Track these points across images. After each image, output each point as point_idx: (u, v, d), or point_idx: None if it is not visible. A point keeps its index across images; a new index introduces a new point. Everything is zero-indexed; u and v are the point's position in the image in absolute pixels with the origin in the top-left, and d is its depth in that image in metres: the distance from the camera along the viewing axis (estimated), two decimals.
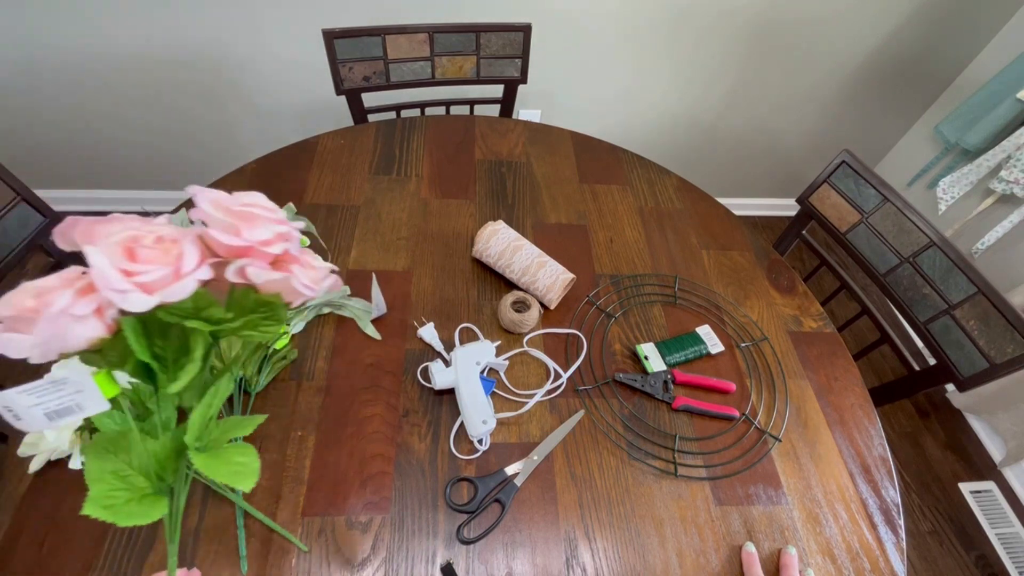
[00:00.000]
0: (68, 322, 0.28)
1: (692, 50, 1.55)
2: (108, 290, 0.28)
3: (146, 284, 0.29)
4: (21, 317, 0.28)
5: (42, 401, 0.29)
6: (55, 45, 1.38)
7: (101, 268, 0.28)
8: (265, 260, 0.33)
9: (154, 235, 0.31)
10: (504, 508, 0.63)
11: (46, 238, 0.90)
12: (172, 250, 0.30)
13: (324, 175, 0.97)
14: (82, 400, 0.30)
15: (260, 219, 0.33)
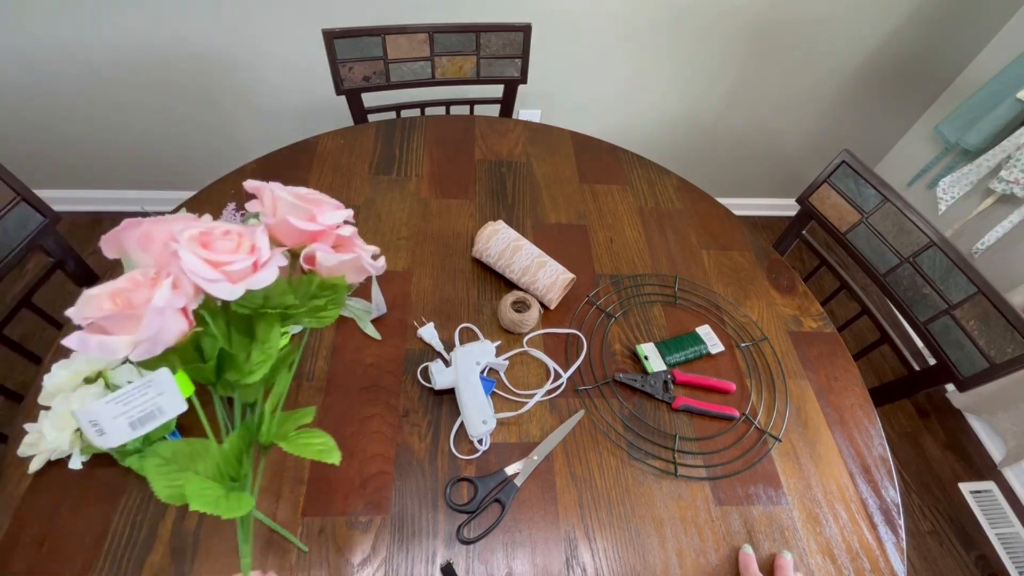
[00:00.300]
0: (170, 316, 0.29)
1: (692, 50, 1.55)
2: (201, 280, 0.29)
3: (231, 274, 0.30)
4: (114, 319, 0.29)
5: (127, 409, 0.29)
6: (55, 45, 1.38)
7: (191, 261, 0.29)
8: (329, 244, 0.35)
9: (221, 229, 0.32)
10: (504, 508, 0.63)
11: (46, 238, 0.90)
12: (243, 242, 0.31)
13: (324, 175, 0.97)
14: (163, 403, 0.31)
15: (326, 204, 0.35)
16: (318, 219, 0.34)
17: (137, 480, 0.61)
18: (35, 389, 0.66)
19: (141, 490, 0.61)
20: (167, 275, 0.30)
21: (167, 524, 0.59)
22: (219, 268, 0.30)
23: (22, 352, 0.90)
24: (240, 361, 0.34)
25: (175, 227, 0.31)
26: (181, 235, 0.30)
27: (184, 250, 0.29)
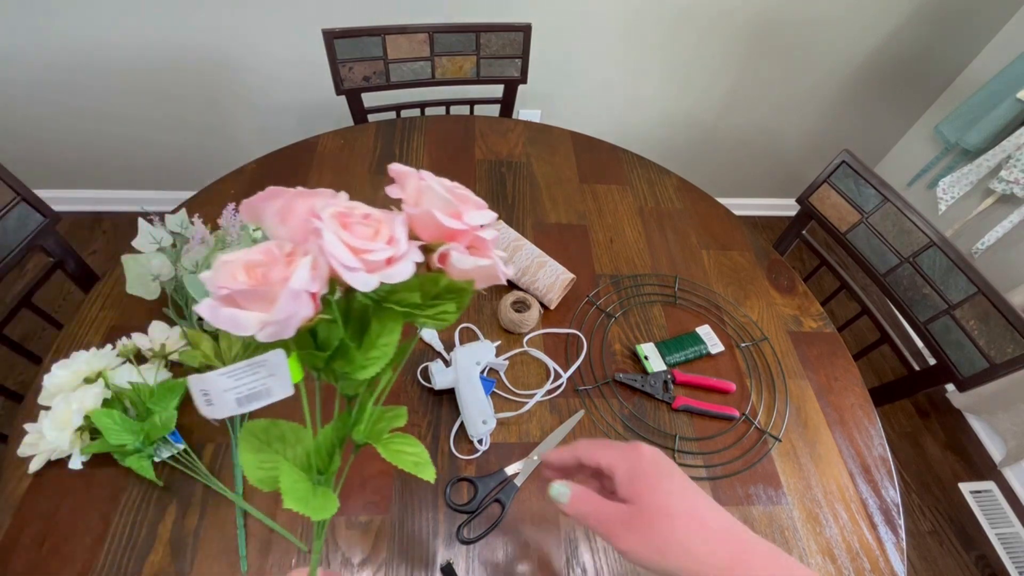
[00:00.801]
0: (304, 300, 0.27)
1: (692, 50, 1.55)
2: (339, 265, 0.27)
3: (369, 263, 0.28)
4: (248, 293, 0.27)
5: (238, 384, 0.29)
6: (55, 45, 1.38)
7: (333, 244, 0.27)
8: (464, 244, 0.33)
9: (361, 212, 0.30)
10: (504, 508, 0.63)
11: (46, 238, 0.90)
12: (382, 230, 0.29)
13: (324, 175, 0.97)
14: (272, 385, 0.30)
15: (471, 203, 0.33)
16: (464, 217, 0.31)
17: (137, 480, 0.61)
18: (35, 389, 0.66)
19: (141, 490, 0.61)
20: (304, 253, 0.28)
21: (167, 524, 0.59)
22: (359, 255, 0.28)
23: (22, 352, 0.90)
24: (354, 354, 0.32)
25: (317, 202, 0.29)
26: (323, 211, 0.28)
27: (327, 230, 0.27)
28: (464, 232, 0.32)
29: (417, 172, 0.33)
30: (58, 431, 0.58)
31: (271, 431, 0.35)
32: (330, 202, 0.29)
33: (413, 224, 0.32)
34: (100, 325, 0.74)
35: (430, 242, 0.32)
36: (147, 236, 0.73)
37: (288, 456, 0.35)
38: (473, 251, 0.33)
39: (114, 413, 0.59)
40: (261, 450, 0.34)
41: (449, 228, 0.31)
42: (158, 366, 0.67)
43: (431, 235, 0.32)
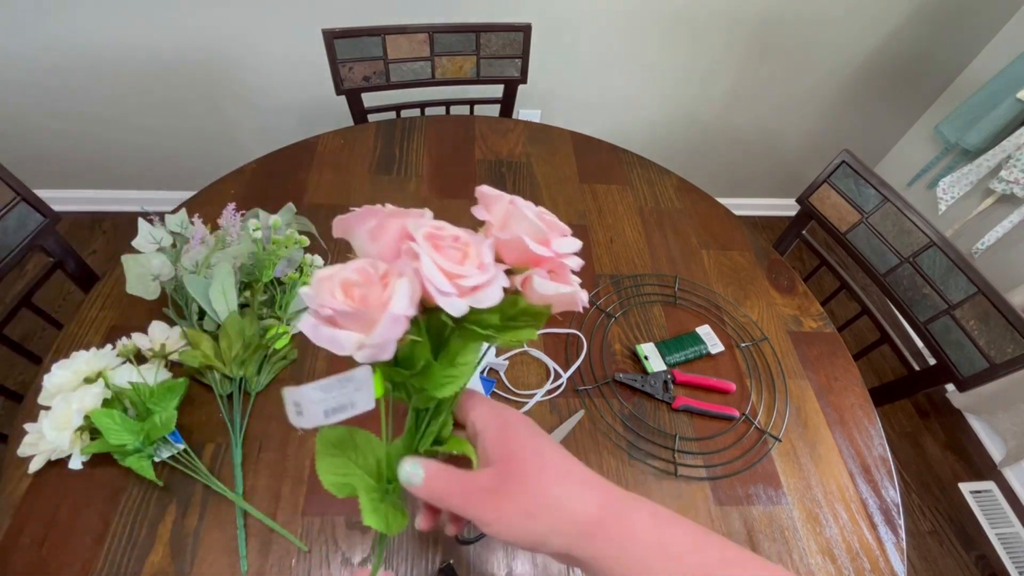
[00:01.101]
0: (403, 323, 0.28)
1: (692, 50, 1.55)
2: (435, 290, 0.27)
3: (463, 288, 0.28)
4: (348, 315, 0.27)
5: (327, 397, 0.29)
6: (55, 45, 1.38)
7: (432, 268, 0.27)
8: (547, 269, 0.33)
9: (451, 234, 0.30)
10: None
11: (46, 238, 0.90)
12: (471, 253, 0.29)
13: (324, 175, 0.97)
14: (357, 399, 0.30)
15: (558, 230, 0.33)
16: (551, 245, 0.32)
17: (137, 480, 0.61)
18: (35, 389, 0.66)
19: (141, 490, 0.61)
20: (397, 274, 0.28)
21: (167, 524, 0.59)
22: (453, 280, 0.28)
23: (22, 352, 0.90)
24: (434, 371, 0.32)
25: (409, 223, 0.29)
26: (417, 232, 0.28)
27: (425, 255, 0.27)
28: (550, 259, 0.32)
29: (507, 196, 0.33)
30: (58, 431, 0.58)
31: (346, 440, 0.35)
32: (420, 222, 0.30)
33: (499, 248, 0.32)
34: (100, 325, 0.74)
35: (514, 266, 0.32)
36: (147, 236, 0.73)
37: (360, 464, 0.35)
38: (554, 276, 0.33)
39: (114, 413, 0.59)
40: (336, 456, 0.34)
41: (536, 255, 0.31)
42: (158, 366, 0.67)
43: (516, 259, 0.32)
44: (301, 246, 0.79)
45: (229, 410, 0.67)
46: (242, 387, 0.68)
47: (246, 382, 0.69)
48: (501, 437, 0.32)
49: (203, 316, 0.70)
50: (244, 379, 0.68)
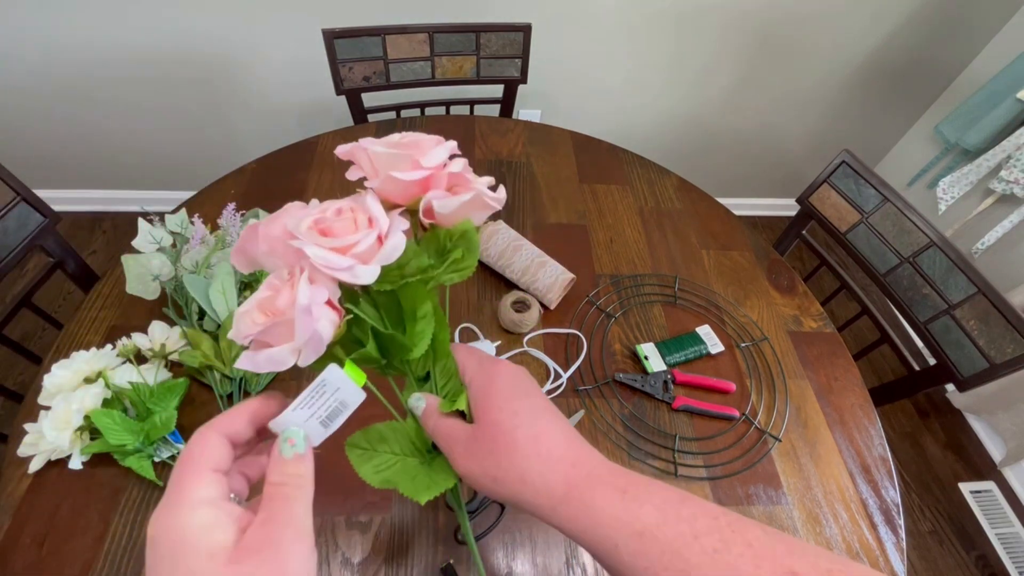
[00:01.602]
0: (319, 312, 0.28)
1: (692, 50, 1.55)
2: (336, 271, 0.27)
3: (362, 255, 0.28)
4: (271, 331, 0.28)
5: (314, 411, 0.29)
6: (55, 45, 1.38)
7: (319, 255, 0.27)
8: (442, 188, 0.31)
9: (331, 209, 0.29)
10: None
11: (46, 238, 0.90)
12: (359, 217, 0.29)
13: (324, 175, 0.97)
14: (344, 397, 0.30)
15: (425, 143, 0.31)
16: (423, 163, 0.30)
17: (137, 480, 0.61)
18: (35, 389, 0.66)
19: (141, 490, 0.61)
20: (300, 271, 0.28)
21: None
22: (348, 252, 0.28)
23: (22, 352, 0.90)
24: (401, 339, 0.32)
25: (288, 223, 0.29)
26: (298, 229, 0.28)
27: (308, 245, 0.27)
28: (433, 176, 0.31)
29: (358, 143, 0.31)
30: (58, 431, 0.58)
31: (370, 436, 0.35)
32: (300, 215, 0.29)
33: (385, 196, 0.31)
34: (100, 325, 0.74)
35: (410, 204, 0.31)
36: (147, 236, 0.73)
37: (396, 451, 0.35)
38: (456, 189, 0.32)
39: (114, 413, 0.59)
40: (372, 457, 0.34)
41: (415, 180, 0.30)
42: (158, 366, 0.67)
43: (406, 197, 0.31)
44: None
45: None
46: (242, 387, 0.68)
47: (246, 382, 0.69)
48: (482, 396, 0.32)
49: (203, 316, 0.70)
50: (244, 379, 0.68)
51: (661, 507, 0.27)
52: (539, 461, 0.30)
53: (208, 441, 0.26)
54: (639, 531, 0.27)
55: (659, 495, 0.28)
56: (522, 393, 0.32)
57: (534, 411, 0.31)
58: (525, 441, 0.30)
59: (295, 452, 0.28)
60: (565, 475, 0.29)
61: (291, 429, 0.28)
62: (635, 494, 0.28)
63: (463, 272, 0.32)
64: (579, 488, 0.29)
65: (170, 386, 0.64)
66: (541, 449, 0.30)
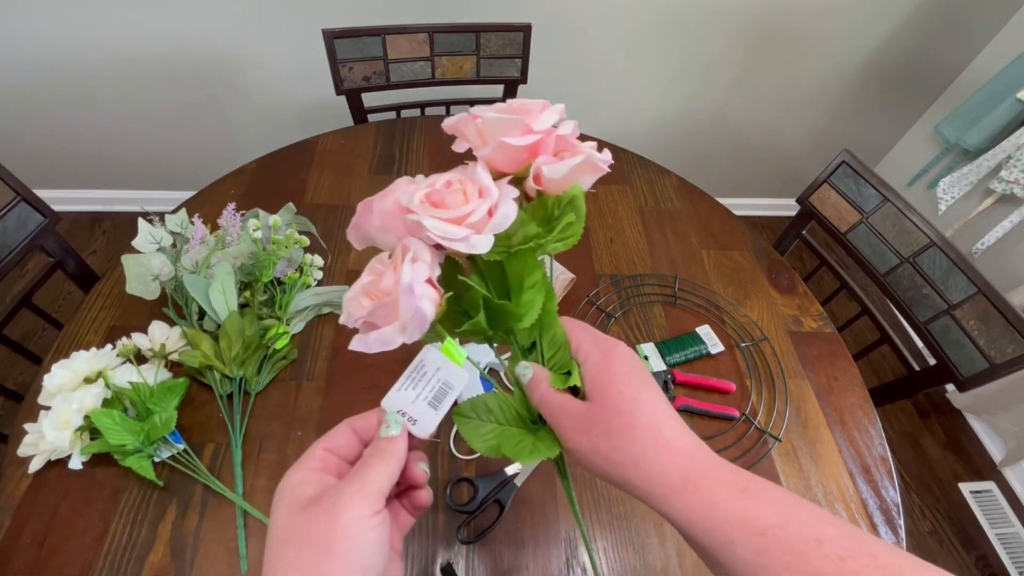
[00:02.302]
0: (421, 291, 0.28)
1: (692, 50, 1.55)
2: (453, 242, 0.28)
3: (476, 224, 0.28)
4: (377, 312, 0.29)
5: (419, 392, 0.31)
6: (55, 45, 1.38)
7: (437, 225, 0.28)
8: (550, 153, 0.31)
9: (441, 182, 0.30)
10: (504, 508, 0.63)
11: (46, 238, 0.90)
12: (469, 188, 0.29)
13: (324, 175, 0.97)
14: (446, 376, 0.31)
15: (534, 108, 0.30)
16: (533, 127, 0.30)
17: (137, 480, 0.61)
18: (35, 389, 0.66)
19: (141, 490, 0.61)
20: (404, 252, 0.29)
21: (167, 524, 0.59)
22: (463, 223, 0.28)
23: (22, 352, 0.90)
24: (510, 308, 0.32)
25: (401, 197, 0.29)
26: (412, 203, 0.29)
27: (425, 217, 0.27)
28: (543, 141, 0.30)
29: (469, 114, 0.32)
30: (58, 431, 0.58)
31: (476, 406, 0.35)
32: (410, 189, 0.30)
33: (493, 164, 0.31)
34: (100, 325, 0.74)
35: (518, 171, 0.31)
36: (147, 236, 0.73)
37: (501, 420, 0.35)
38: (563, 154, 0.31)
39: (114, 413, 0.59)
40: (479, 427, 0.35)
41: (526, 146, 0.30)
42: (158, 366, 0.67)
43: (515, 164, 0.31)
44: (301, 246, 0.80)
45: (229, 410, 0.67)
46: (242, 387, 0.68)
47: (246, 382, 0.69)
48: (598, 374, 0.32)
49: (203, 316, 0.70)
50: (244, 379, 0.68)
51: (782, 510, 0.27)
52: (656, 450, 0.29)
53: (336, 429, 0.31)
54: (760, 530, 0.27)
55: (781, 498, 0.28)
56: (640, 380, 0.32)
57: (653, 399, 0.31)
58: (644, 427, 0.30)
59: (389, 433, 0.31)
60: (683, 467, 0.29)
61: (390, 414, 0.31)
62: (756, 494, 0.28)
63: (569, 240, 0.32)
64: (697, 482, 0.29)
65: (170, 386, 0.64)
66: (660, 439, 0.30)
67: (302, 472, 0.29)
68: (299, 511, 0.27)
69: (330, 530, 0.26)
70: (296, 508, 0.27)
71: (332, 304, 0.78)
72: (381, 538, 0.27)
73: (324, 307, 0.78)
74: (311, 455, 0.30)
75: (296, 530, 0.27)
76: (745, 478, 0.29)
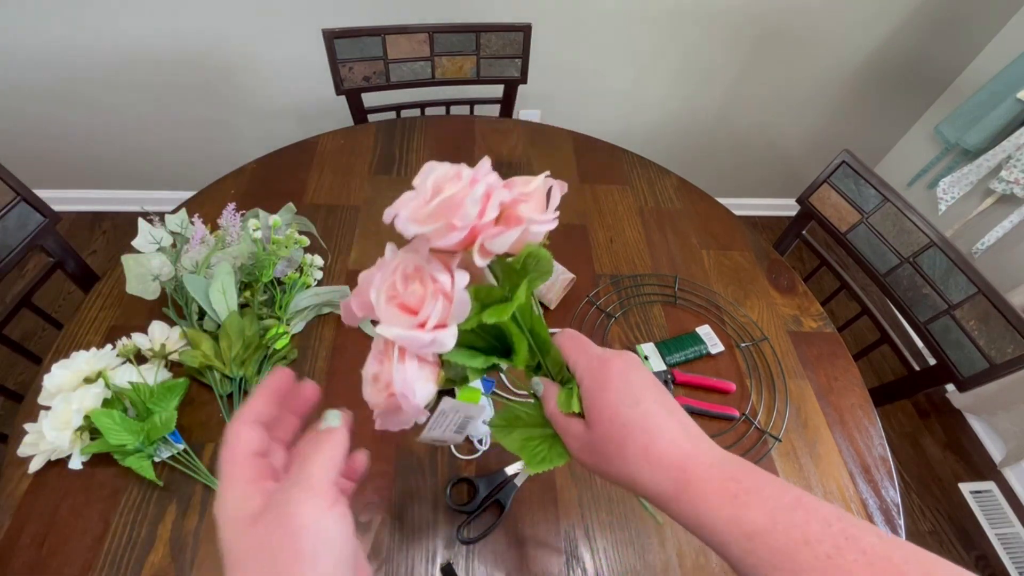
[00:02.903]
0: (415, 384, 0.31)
1: (692, 50, 1.55)
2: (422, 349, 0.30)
3: (438, 323, 0.30)
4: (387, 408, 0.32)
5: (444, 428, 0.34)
6: (55, 46, 1.38)
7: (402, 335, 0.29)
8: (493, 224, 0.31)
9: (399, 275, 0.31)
10: (504, 508, 0.63)
11: (46, 238, 0.90)
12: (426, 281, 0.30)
13: (324, 175, 0.97)
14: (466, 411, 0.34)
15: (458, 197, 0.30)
16: (457, 224, 0.29)
17: (137, 480, 0.61)
18: (35, 389, 0.66)
19: (141, 490, 0.61)
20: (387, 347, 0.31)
21: (167, 524, 0.59)
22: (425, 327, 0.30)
23: (22, 352, 0.90)
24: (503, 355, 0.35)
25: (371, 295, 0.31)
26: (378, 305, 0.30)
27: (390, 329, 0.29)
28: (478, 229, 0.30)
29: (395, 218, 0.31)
30: (58, 431, 0.58)
31: (507, 416, 0.39)
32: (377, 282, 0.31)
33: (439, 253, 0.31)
34: (100, 325, 0.74)
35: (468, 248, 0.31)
36: (147, 236, 0.73)
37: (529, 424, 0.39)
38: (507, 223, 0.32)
39: (114, 413, 0.59)
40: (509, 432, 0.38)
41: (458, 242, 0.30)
42: (158, 366, 0.67)
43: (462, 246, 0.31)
44: (301, 246, 0.80)
45: (229, 410, 0.67)
46: (242, 387, 0.68)
47: (246, 382, 0.69)
48: (591, 403, 0.34)
49: (203, 316, 0.70)
50: (244, 379, 0.68)
51: (771, 512, 0.28)
52: (648, 468, 0.31)
53: (238, 433, 0.29)
54: (748, 533, 0.28)
55: (771, 500, 0.29)
56: (632, 400, 0.33)
57: (645, 418, 0.32)
58: (635, 451, 0.32)
59: (329, 426, 0.29)
60: (675, 480, 0.31)
61: (329, 411, 0.30)
62: (745, 499, 0.29)
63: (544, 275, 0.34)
64: (688, 492, 0.30)
65: (170, 386, 0.64)
66: (651, 457, 0.31)
67: (238, 487, 0.27)
68: (250, 526, 0.26)
69: (290, 535, 0.25)
70: (245, 525, 0.26)
71: (332, 304, 0.78)
72: (346, 530, 0.26)
73: (324, 307, 0.78)
74: (239, 466, 0.28)
75: (255, 545, 0.25)
76: (737, 483, 0.30)
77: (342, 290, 0.78)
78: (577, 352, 0.36)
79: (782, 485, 0.30)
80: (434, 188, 0.30)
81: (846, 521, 0.27)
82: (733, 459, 0.31)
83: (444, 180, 0.31)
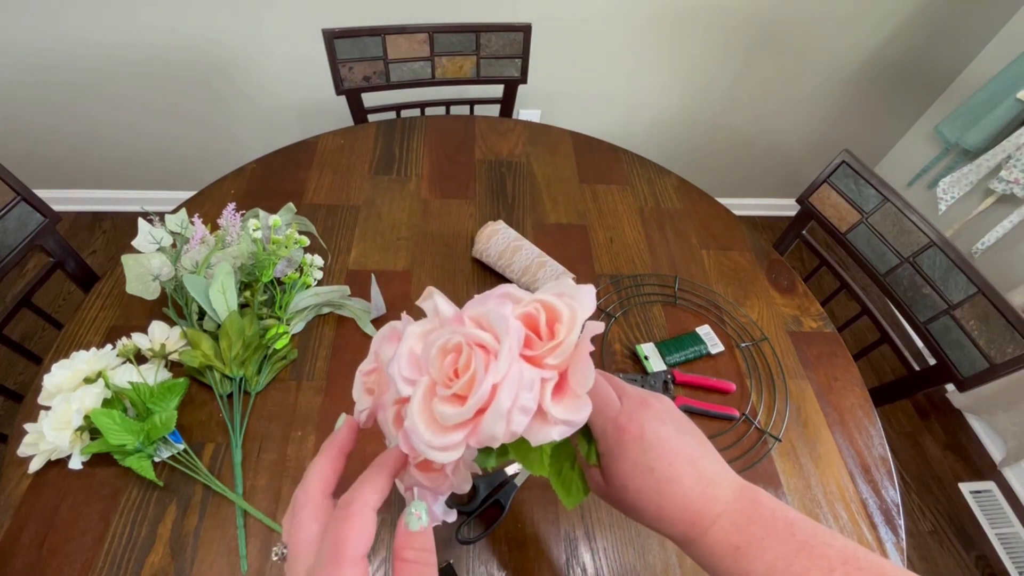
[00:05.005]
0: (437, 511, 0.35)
1: (692, 50, 1.55)
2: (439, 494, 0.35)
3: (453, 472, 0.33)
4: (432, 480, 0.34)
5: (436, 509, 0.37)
6: (54, 45, 1.38)
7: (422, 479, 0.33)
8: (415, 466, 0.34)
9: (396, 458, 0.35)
10: (504, 508, 0.63)
11: (46, 238, 0.90)
12: None
13: (324, 175, 0.97)
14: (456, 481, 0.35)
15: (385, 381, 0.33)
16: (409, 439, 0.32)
17: (137, 480, 0.61)
18: (35, 389, 0.66)
19: (141, 490, 0.61)
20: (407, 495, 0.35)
21: (167, 524, 0.59)
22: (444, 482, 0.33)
23: (22, 352, 0.90)
24: None
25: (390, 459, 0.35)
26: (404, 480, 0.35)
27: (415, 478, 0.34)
28: None
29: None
30: (58, 431, 0.58)
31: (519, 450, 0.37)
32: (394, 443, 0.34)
33: None
34: (100, 325, 0.74)
35: None
36: (147, 236, 0.73)
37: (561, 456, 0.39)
38: (423, 470, 0.34)
39: (114, 413, 0.59)
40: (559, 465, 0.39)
41: None
42: (158, 366, 0.67)
43: None
44: (301, 246, 0.80)
45: (229, 410, 0.67)
46: (242, 387, 0.68)
47: (246, 382, 0.69)
48: (609, 462, 0.36)
49: (203, 316, 0.70)
50: (244, 379, 0.68)
51: (772, 563, 0.30)
52: (661, 522, 0.34)
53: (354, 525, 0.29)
54: None
55: (773, 550, 0.31)
56: (645, 468, 0.34)
57: (659, 483, 0.34)
58: (647, 513, 0.34)
59: (421, 526, 0.30)
60: (685, 533, 0.34)
61: (416, 502, 0.31)
62: (746, 551, 0.31)
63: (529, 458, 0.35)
64: (696, 543, 0.33)
65: (170, 386, 0.64)
66: (664, 515, 0.34)
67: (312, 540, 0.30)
68: None
69: None
70: None
71: (332, 304, 0.78)
72: None
73: (324, 307, 0.78)
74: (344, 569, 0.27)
75: None
76: (741, 535, 0.32)
77: (342, 290, 0.78)
78: (594, 412, 0.36)
79: (789, 529, 0.31)
80: None
81: (851, 565, 0.28)
82: (743, 499, 0.33)
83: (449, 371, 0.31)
